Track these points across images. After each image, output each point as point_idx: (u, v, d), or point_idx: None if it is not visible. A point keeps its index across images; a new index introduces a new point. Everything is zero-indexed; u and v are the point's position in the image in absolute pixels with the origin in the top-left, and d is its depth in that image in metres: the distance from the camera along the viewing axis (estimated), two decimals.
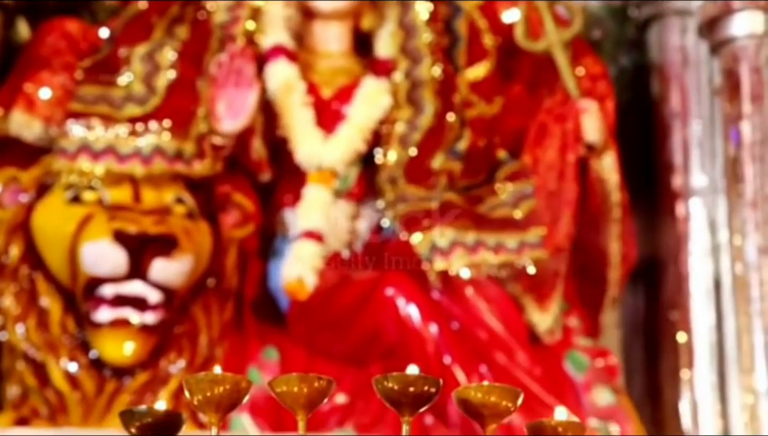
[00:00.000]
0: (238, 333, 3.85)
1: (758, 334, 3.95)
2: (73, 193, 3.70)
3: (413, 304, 3.76)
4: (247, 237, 3.89)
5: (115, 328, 3.63)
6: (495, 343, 3.77)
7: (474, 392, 1.84)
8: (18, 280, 3.73)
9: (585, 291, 4.07)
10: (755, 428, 3.90)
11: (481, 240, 3.80)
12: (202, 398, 1.84)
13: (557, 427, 1.85)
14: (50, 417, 3.65)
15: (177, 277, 3.64)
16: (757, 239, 3.99)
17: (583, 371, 3.89)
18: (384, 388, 1.81)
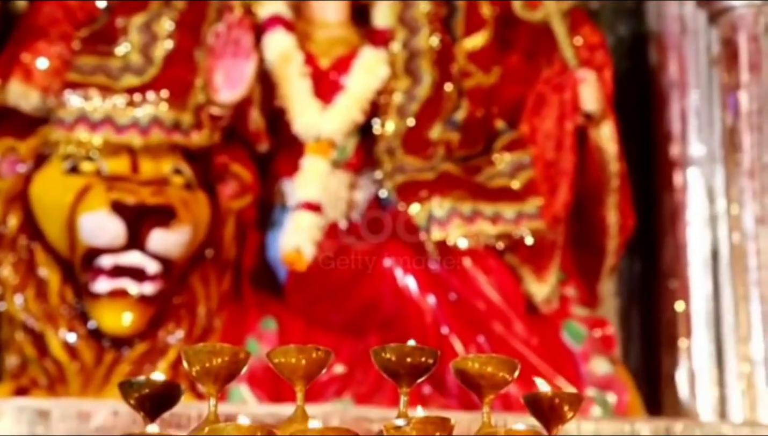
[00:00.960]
0: (236, 304, 3.86)
1: (755, 303, 3.95)
2: (71, 164, 3.70)
3: (411, 274, 3.77)
4: (245, 208, 3.90)
5: (113, 298, 3.63)
6: (492, 313, 3.78)
7: (471, 363, 1.84)
8: (16, 250, 3.73)
9: (583, 261, 4.08)
10: (752, 396, 3.91)
11: (479, 210, 3.80)
12: (201, 369, 1.84)
13: (554, 398, 1.85)
14: (49, 387, 3.66)
15: (175, 247, 3.65)
16: (754, 208, 3.99)
17: (581, 341, 3.90)
18: (382, 359, 1.81)
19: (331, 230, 3.84)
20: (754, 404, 3.91)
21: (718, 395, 4.04)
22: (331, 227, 3.85)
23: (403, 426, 1.69)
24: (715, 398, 4.04)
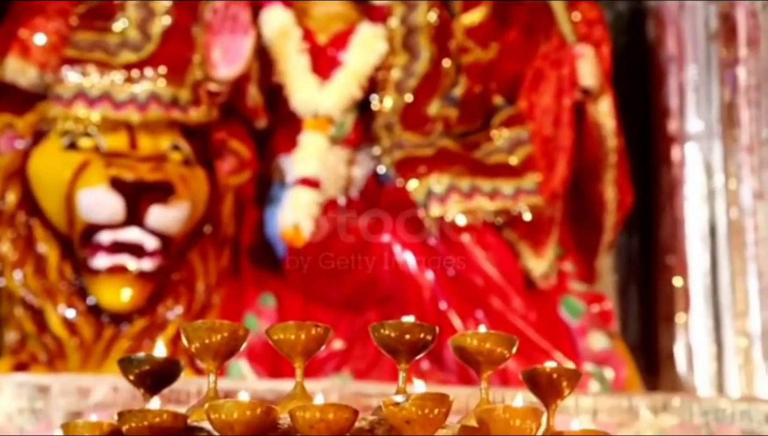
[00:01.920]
0: (235, 280, 3.87)
1: (752, 278, 3.96)
2: (69, 140, 3.70)
3: (409, 250, 3.77)
4: (244, 184, 3.90)
5: (112, 274, 3.64)
6: (491, 289, 3.79)
7: (469, 339, 1.84)
8: (15, 226, 3.73)
9: (580, 236, 4.08)
10: (749, 370, 3.92)
11: (477, 186, 3.81)
12: (200, 346, 1.85)
13: (552, 373, 1.86)
14: (49, 363, 3.67)
15: (174, 224, 3.65)
16: (752, 183, 4.00)
17: (579, 317, 3.90)
18: (380, 335, 1.82)
19: (329, 206, 3.84)
20: (751, 378, 3.92)
21: (715, 370, 4.05)
22: (330, 203, 3.85)
23: (402, 402, 1.69)
24: (712, 373, 4.05)
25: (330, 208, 3.84)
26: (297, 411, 1.70)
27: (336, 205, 3.87)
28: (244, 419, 1.70)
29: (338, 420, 1.69)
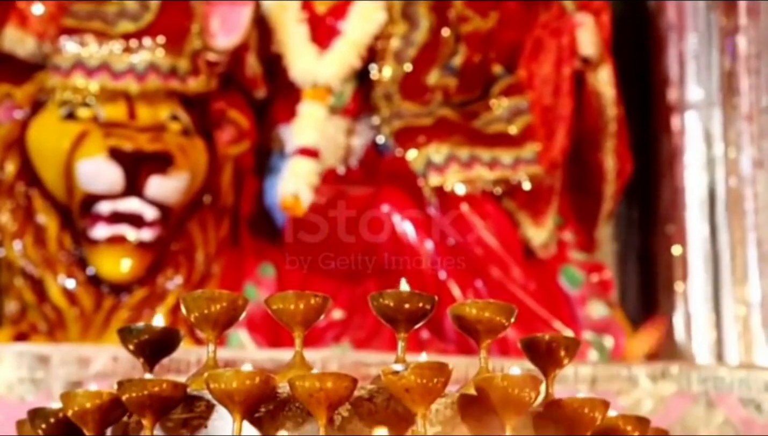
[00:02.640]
0: (234, 250, 3.87)
1: (752, 246, 3.96)
2: (67, 110, 3.70)
3: (408, 220, 3.77)
4: (243, 154, 3.90)
5: (111, 245, 3.64)
6: (490, 258, 3.79)
7: (469, 308, 1.85)
8: (14, 196, 3.73)
9: (580, 206, 4.09)
10: (748, 338, 3.93)
11: (476, 156, 3.80)
12: (199, 316, 1.85)
13: (551, 342, 1.87)
14: (49, 333, 3.68)
15: (173, 194, 3.65)
16: (752, 152, 4.00)
17: (578, 286, 3.91)
18: (379, 305, 1.82)
19: (328, 176, 3.84)
20: (750, 346, 3.93)
21: (714, 338, 4.06)
22: (329, 172, 3.85)
23: (401, 371, 1.70)
24: (711, 341, 4.06)
25: (329, 178, 3.83)
26: (296, 380, 1.71)
27: (335, 175, 3.87)
28: (243, 388, 1.71)
29: (337, 389, 1.70)
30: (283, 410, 1.76)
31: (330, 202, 3.80)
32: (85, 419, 1.82)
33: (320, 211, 3.77)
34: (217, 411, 1.78)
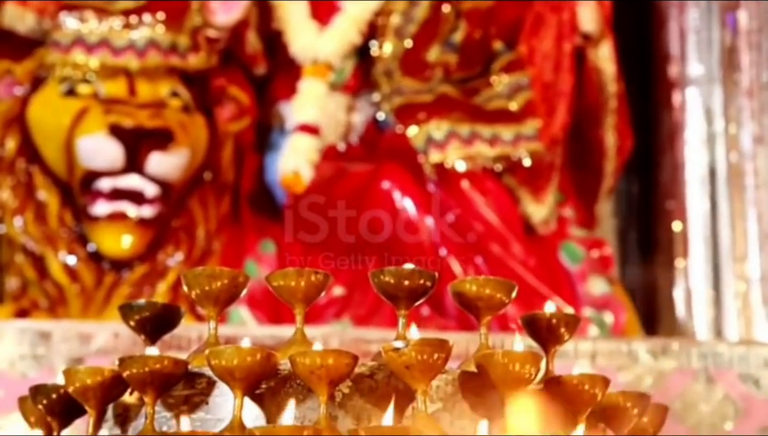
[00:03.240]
0: (235, 226, 3.87)
1: (752, 222, 3.97)
2: (67, 87, 3.69)
3: (409, 197, 3.77)
4: (243, 130, 3.90)
5: (112, 221, 3.65)
6: (490, 235, 3.79)
7: (469, 285, 1.85)
8: (15, 173, 3.74)
9: (580, 182, 4.09)
10: (748, 314, 3.94)
11: (477, 132, 3.80)
12: (200, 292, 1.85)
13: (551, 319, 1.87)
14: (50, 309, 3.68)
15: (173, 170, 3.65)
16: (752, 127, 3.99)
17: (578, 262, 3.91)
18: (380, 282, 1.82)
19: (328, 153, 3.84)
20: (749, 322, 3.94)
21: (714, 314, 4.06)
22: (329, 149, 3.85)
23: (402, 348, 1.70)
24: (711, 317, 4.07)
25: (329, 155, 3.83)
26: (297, 357, 1.71)
27: (335, 152, 3.87)
28: (244, 365, 1.72)
29: (338, 366, 1.70)
30: (284, 386, 1.76)
31: (330, 179, 3.80)
32: (86, 395, 1.82)
33: (320, 187, 3.77)
34: (218, 388, 1.78)
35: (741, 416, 3.32)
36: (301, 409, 1.75)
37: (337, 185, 3.81)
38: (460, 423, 1.77)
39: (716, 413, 3.32)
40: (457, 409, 1.78)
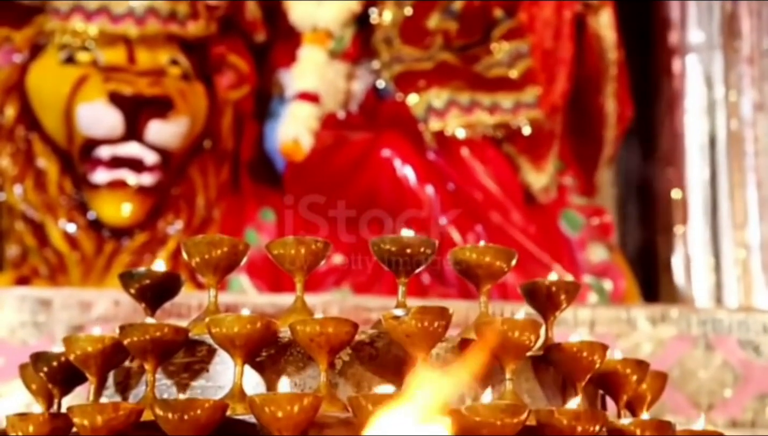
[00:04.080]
0: (234, 195, 3.87)
1: (752, 189, 3.97)
2: (67, 54, 3.69)
3: (409, 165, 3.77)
4: (243, 98, 3.89)
5: (112, 189, 3.65)
6: (490, 203, 3.79)
7: (469, 253, 1.85)
8: (14, 141, 3.73)
9: (580, 150, 4.09)
10: (747, 281, 3.95)
11: (477, 100, 3.80)
12: (200, 261, 1.85)
13: (551, 287, 1.87)
14: (50, 277, 3.69)
15: (173, 138, 3.65)
16: (752, 95, 3.99)
17: (578, 230, 3.92)
18: (380, 250, 1.82)
19: (328, 121, 3.83)
20: (749, 289, 3.95)
21: (714, 281, 4.07)
22: (329, 117, 3.84)
23: (402, 316, 1.70)
24: (711, 284, 4.07)
25: (329, 123, 3.83)
26: (297, 325, 1.72)
27: (335, 120, 3.87)
28: (244, 333, 1.72)
29: (338, 334, 1.70)
30: (284, 354, 1.77)
31: (330, 147, 3.80)
32: (87, 363, 1.82)
33: (320, 156, 3.77)
34: (219, 355, 1.79)
35: (740, 383, 3.33)
36: (301, 377, 1.76)
37: (336, 153, 3.81)
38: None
39: (715, 380, 3.33)
40: None
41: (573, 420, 1.65)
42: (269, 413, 1.61)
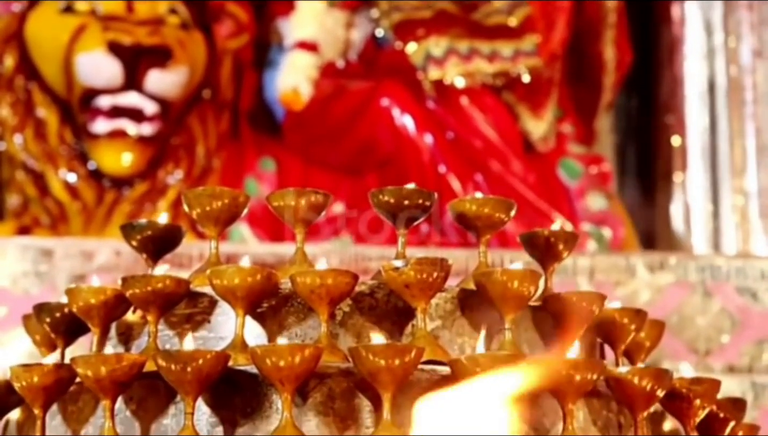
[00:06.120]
0: (234, 144, 3.87)
1: (751, 136, 3.97)
2: (65, 3, 3.68)
3: (408, 114, 3.77)
4: (242, 47, 3.88)
5: (112, 139, 3.65)
6: (489, 151, 3.80)
7: (468, 204, 1.86)
8: (14, 90, 3.73)
9: (579, 97, 4.08)
10: (745, 228, 3.95)
11: (476, 48, 3.79)
12: (201, 212, 1.86)
13: (550, 237, 1.88)
14: (51, 226, 3.70)
15: (172, 88, 3.65)
16: (752, 41, 3.98)
17: (577, 178, 3.92)
18: (380, 201, 1.83)
19: (327, 70, 3.83)
20: (747, 236, 3.96)
21: (712, 228, 4.08)
22: (328, 66, 3.84)
23: (401, 267, 1.72)
24: (709, 231, 4.08)
25: (328, 72, 3.82)
26: (298, 276, 1.73)
27: (334, 69, 3.86)
28: (245, 285, 1.73)
29: (338, 285, 1.71)
30: (285, 305, 1.78)
31: (329, 96, 3.79)
32: (90, 314, 1.84)
33: (320, 105, 3.77)
34: (220, 307, 1.80)
35: (737, 329, 3.34)
36: (302, 327, 1.77)
37: (336, 103, 3.81)
38: (460, 340, 1.79)
39: (713, 326, 3.35)
40: (456, 326, 1.80)
41: (571, 369, 1.67)
42: (271, 363, 1.62)
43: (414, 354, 1.63)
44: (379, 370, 1.61)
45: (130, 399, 1.76)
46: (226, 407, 1.71)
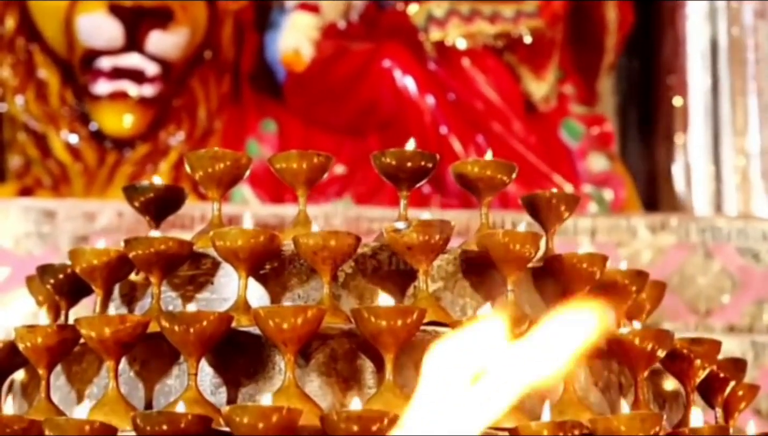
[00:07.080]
0: (236, 106, 3.87)
1: (752, 96, 3.96)
2: None
3: (410, 75, 3.77)
4: (243, 9, 3.87)
5: (113, 100, 3.65)
6: (491, 113, 3.79)
7: (470, 166, 1.86)
8: (15, 51, 3.72)
9: (581, 58, 4.07)
10: (747, 189, 3.95)
11: (477, 10, 3.78)
12: (203, 174, 1.86)
13: (551, 198, 1.88)
14: (53, 187, 3.70)
15: (174, 49, 3.64)
16: (754, 1, 3.97)
17: (578, 139, 3.92)
18: (382, 163, 1.83)
19: (329, 31, 3.82)
20: (748, 197, 3.96)
21: (713, 189, 4.07)
22: (330, 27, 3.83)
23: (403, 229, 1.72)
24: (711, 192, 4.08)
25: (330, 33, 3.81)
26: (300, 238, 1.73)
27: (336, 30, 3.85)
28: (248, 246, 1.73)
29: (341, 246, 1.72)
30: (288, 267, 1.78)
31: (331, 57, 3.79)
32: (93, 275, 1.83)
33: (321, 66, 3.76)
34: (223, 268, 1.80)
35: (738, 289, 3.36)
36: (305, 289, 1.77)
37: (337, 64, 3.80)
38: (461, 302, 1.80)
39: (713, 286, 3.36)
40: (458, 288, 1.80)
41: None
42: (274, 325, 1.63)
43: (416, 316, 1.63)
44: (381, 331, 1.61)
45: (134, 360, 1.76)
46: (229, 368, 1.71)
